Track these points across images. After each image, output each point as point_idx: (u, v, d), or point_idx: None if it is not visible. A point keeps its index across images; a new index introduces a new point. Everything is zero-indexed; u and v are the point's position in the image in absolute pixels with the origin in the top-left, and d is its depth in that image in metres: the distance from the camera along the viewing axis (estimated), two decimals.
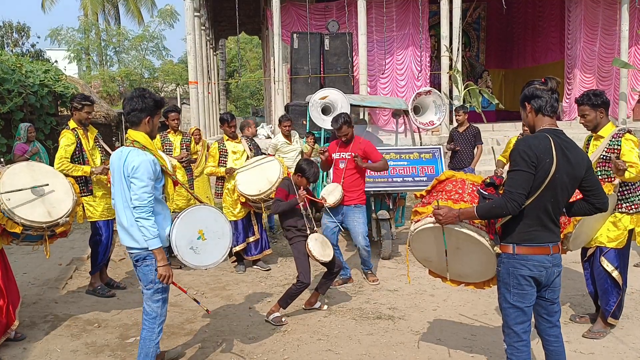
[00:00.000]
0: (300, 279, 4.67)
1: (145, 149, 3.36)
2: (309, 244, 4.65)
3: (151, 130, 3.47)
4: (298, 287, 4.68)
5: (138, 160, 3.27)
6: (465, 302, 5.07)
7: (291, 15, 14.75)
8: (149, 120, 3.44)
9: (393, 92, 14.93)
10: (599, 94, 4.13)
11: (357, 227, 5.59)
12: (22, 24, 27.86)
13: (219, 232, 3.52)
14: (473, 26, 19.39)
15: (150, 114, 3.43)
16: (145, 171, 3.26)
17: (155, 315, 3.48)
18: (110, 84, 28.19)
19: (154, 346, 3.50)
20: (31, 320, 4.74)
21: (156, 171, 3.34)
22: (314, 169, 4.86)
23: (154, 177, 3.31)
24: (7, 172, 4.16)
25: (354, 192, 5.59)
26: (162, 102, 3.55)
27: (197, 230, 3.44)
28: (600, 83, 14.89)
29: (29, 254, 6.80)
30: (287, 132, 7.87)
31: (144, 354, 3.49)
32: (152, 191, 3.28)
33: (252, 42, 35.58)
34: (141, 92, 3.46)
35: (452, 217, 2.98)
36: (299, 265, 4.72)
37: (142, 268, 3.42)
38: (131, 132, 3.45)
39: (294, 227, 4.80)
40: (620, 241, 4.24)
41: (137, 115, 3.40)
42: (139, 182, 3.25)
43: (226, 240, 3.55)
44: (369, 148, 5.63)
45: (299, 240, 4.77)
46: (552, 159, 2.77)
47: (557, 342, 3.08)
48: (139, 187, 3.25)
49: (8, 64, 10.44)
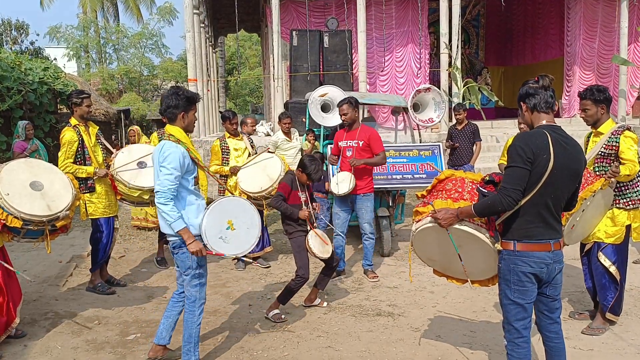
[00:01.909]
0: (299, 273, 4.67)
1: (179, 142, 3.60)
2: (309, 240, 4.65)
3: (187, 125, 3.74)
4: (297, 282, 4.67)
5: (169, 151, 3.53)
6: (464, 299, 5.08)
7: (290, 12, 14.73)
8: (184, 115, 3.70)
9: (392, 89, 14.92)
10: (603, 89, 4.14)
11: (365, 215, 5.65)
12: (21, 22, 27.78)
13: (248, 222, 3.69)
14: (472, 23, 19.37)
15: (185, 110, 3.70)
16: (172, 161, 3.49)
17: (195, 299, 3.70)
18: (109, 81, 28.15)
19: (196, 327, 3.71)
20: (31, 317, 4.75)
21: (184, 164, 3.55)
22: (315, 166, 4.78)
23: (180, 169, 3.52)
24: (5, 168, 4.17)
25: (363, 181, 5.64)
26: (195, 97, 3.78)
27: (227, 221, 3.62)
28: (600, 80, 14.88)
29: (29, 252, 6.81)
30: (287, 129, 7.87)
31: (187, 334, 3.72)
32: (175, 181, 3.49)
33: (251, 40, 35.52)
34: (175, 90, 3.74)
35: (452, 218, 3.00)
36: (298, 260, 4.72)
37: (179, 255, 3.65)
38: (168, 127, 3.73)
39: (294, 222, 4.80)
40: (618, 237, 4.26)
41: (173, 112, 3.68)
42: (165, 170, 3.50)
43: (255, 230, 3.72)
44: (374, 137, 5.65)
45: (299, 235, 4.77)
46: (550, 155, 2.78)
47: (558, 339, 3.09)
48: (164, 174, 3.49)
49: (7, 61, 10.41)
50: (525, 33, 19.04)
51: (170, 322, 3.88)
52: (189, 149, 3.66)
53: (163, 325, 3.89)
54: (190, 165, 3.63)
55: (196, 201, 3.68)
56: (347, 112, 5.57)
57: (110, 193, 5.40)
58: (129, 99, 26.64)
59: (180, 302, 3.87)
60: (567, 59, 15.63)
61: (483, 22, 19.61)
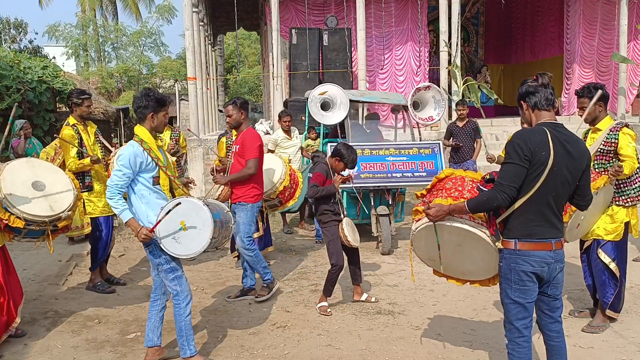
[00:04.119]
0: (332, 262, 4.79)
1: (142, 142, 3.71)
2: (345, 228, 4.77)
3: (156, 125, 3.83)
4: (334, 271, 4.80)
5: (123, 150, 3.72)
6: (464, 297, 5.08)
7: (290, 10, 14.70)
8: (153, 115, 3.79)
9: (392, 87, 14.90)
10: (600, 87, 4.14)
11: (237, 226, 5.02)
12: (20, 20, 27.80)
13: (200, 224, 3.63)
14: (472, 21, 19.35)
15: (154, 111, 3.78)
16: (123, 159, 3.62)
17: (177, 292, 3.77)
18: (108, 80, 28.13)
19: (184, 319, 3.77)
20: (31, 316, 4.75)
21: (136, 163, 3.64)
22: (352, 155, 4.85)
23: (131, 167, 3.62)
24: (7, 168, 4.17)
25: (239, 189, 5.05)
26: (165, 99, 3.86)
27: (180, 221, 3.61)
28: (599, 78, 14.87)
29: (29, 250, 6.80)
30: (287, 127, 7.86)
31: (178, 328, 3.80)
32: (123, 177, 3.61)
33: (250, 38, 35.47)
34: (147, 91, 3.83)
35: (443, 214, 3.00)
36: (332, 247, 4.82)
37: (148, 255, 3.78)
38: (136, 127, 3.84)
39: (330, 211, 4.86)
40: (617, 234, 4.27)
41: (142, 112, 3.78)
42: (117, 166, 3.65)
43: (207, 231, 3.63)
44: (247, 141, 4.98)
45: (333, 225, 4.85)
46: (549, 152, 2.77)
47: (559, 338, 3.08)
48: (114, 171, 3.65)
49: (6, 60, 10.41)
50: (525, 31, 19.02)
51: (153, 323, 3.90)
52: (151, 149, 3.74)
53: (147, 327, 3.91)
54: (147, 165, 3.71)
55: (157, 200, 3.76)
56: (232, 113, 5.07)
57: None
58: (127, 97, 26.61)
59: (158, 301, 3.93)
60: (567, 56, 15.61)
61: (482, 20, 19.59)
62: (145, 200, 3.73)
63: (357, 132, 7.97)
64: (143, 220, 3.69)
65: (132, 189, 3.73)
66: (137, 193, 3.73)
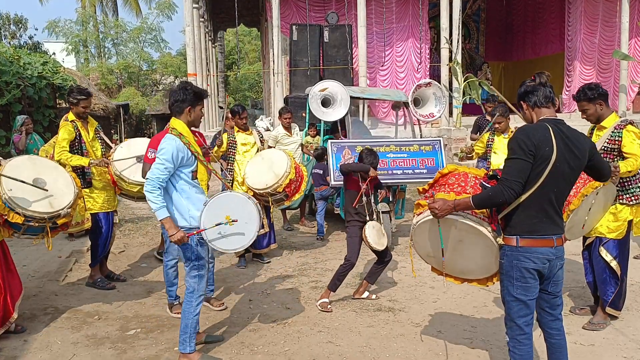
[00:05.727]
0: (346, 257, 4.82)
1: (181, 136, 3.68)
2: (366, 230, 4.76)
3: (193, 119, 3.83)
4: (345, 266, 4.81)
5: (166, 143, 3.63)
6: (465, 294, 5.08)
7: (290, 7, 14.68)
8: (190, 109, 3.78)
9: (392, 84, 14.88)
10: (594, 87, 4.16)
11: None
12: (20, 16, 27.68)
13: (246, 217, 3.67)
14: (473, 18, 19.33)
15: (192, 104, 3.78)
16: (165, 153, 3.58)
17: (193, 290, 3.79)
18: (108, 76, 28.04)
19: (192, 318, 3.78)
20: (31, 312, 4.74)
21: (178, 157, 3.61)
22: (372, 158, 4.94)
23: (173, 161, 3.58)
24: (9, 165, 4.17)
25: None
26: (202, 93, 3.86)
27: (224, 216, 3.62)
28: (600, 75, 14.86)
29: (29, 247, 6.79)
30: (287, 124, 7.84)
31: (184, 324, 3.79)
32: (165, 171, 3.57)
33: (250, 34, 35.39)
34: (184, 84, 3.83)
35: (448, 209, 2.96)
36: (349, 244, 4.86)
37: (180, 246, 3.73)
38: (172, 120, 3.82)
39: (353, 211, 4.88)
40: (620, 232, 4.27)
41: (180, 106, 3.77)
42: (158, 160, 3.60)
43: (254, 224, 3.69)
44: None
45: (354, 225, 4.88)
46: (552, 147, 2.77)
47: (559, 335, 3.08)
48: (156, 164, 3.59)
49: (6, 56, 10.38)
50: (526, 28, 19.00)
51: None
52: (190, 143, 3.72)
53: None
54: (187, 160, 3.69)
55: (196, 194, 3.77)
56: None
57: (109, 188, 5.38)
58: (128, 93, 26.55)
59: None
60: (568, 54, 15.60)
61: (483, 16, 19.57)
62: (185, 195, 3.71)
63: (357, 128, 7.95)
64: (185, 214, 3.70)
65: (173, 185, 3.69)
66: (177, 188, 3.70)
